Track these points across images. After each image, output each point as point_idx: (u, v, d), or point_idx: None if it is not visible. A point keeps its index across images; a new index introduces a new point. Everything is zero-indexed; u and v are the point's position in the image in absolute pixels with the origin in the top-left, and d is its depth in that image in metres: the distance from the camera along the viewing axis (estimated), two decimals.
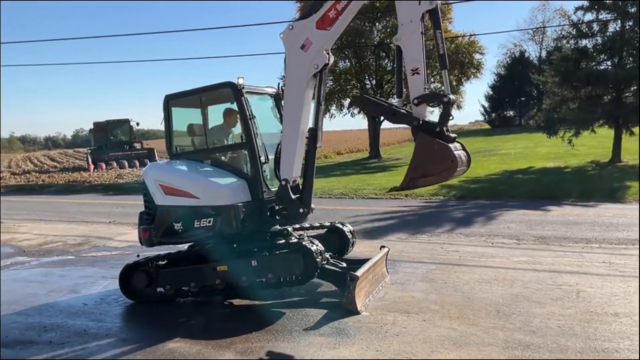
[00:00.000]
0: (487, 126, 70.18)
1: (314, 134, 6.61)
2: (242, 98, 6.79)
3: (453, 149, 5.88)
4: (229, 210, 6.51)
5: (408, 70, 6.02)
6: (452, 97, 5.99)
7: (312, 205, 6.72)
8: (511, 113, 68.67)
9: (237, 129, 7.29)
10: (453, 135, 6.12)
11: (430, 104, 6.38)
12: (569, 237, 10.04)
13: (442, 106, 6.08)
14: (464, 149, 6.29)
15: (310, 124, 6.68)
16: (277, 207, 6.73)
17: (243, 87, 6.77)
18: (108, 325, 6.27)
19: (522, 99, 64.81)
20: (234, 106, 6.99)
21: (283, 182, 6.58)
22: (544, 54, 66.21)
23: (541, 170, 21.99)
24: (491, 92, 66.94)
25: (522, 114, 65.09)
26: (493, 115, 68.33)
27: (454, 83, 33.93)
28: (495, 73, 68.49)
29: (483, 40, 47.74)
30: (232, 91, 6.82)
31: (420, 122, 6.09)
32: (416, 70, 5.95)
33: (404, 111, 6.42)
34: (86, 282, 8.37)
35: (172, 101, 7.34)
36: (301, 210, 6.58)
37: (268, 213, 6.82)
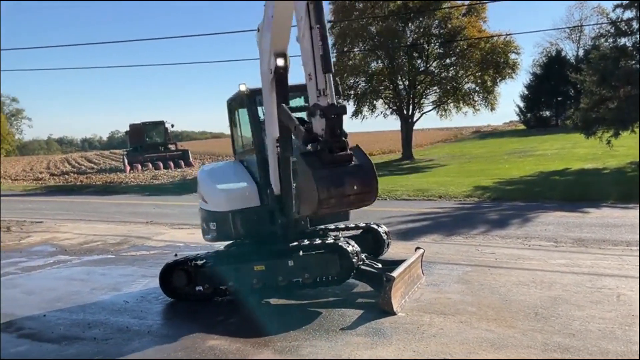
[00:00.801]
0: (522, 126, 68.94)
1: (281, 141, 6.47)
2: (252, 104, 7.06)
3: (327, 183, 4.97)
4: (224, 217, 6.83)
5: (305, 75, 5.31)
6: (341, 104, 5.10)
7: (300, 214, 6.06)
8: (547, 113, 67.27)
9: None
10: (349, 152, 5.15)
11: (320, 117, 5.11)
12: (609, 239, 9.86)
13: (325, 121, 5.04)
14: (360, 172, 5.21)
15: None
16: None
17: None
18: (149, 322, 6.44)
19: (559, 98, 63.45)
20: None
21: (269, 191, 6.80)
22: (581, 52, 64.72)
23: (579, 171, 21.58)
24: (527, 92, 65.69)
25: (558, 114, 63.70)
26: (529, 115, 67.05)
27: (489, 83, 33.57)
28: (531, 72, 67.24)
29: (519, 39, 46.95)
30: (244, 98, 7.13)
31: (309, 145, 5.21)
32: (309, 76, 5.20)
33: (302, 128, 5.36)
34: (127, 281, 8.60)
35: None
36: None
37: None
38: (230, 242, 7.55)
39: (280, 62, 6.14)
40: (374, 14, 34.79)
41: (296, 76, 6.19)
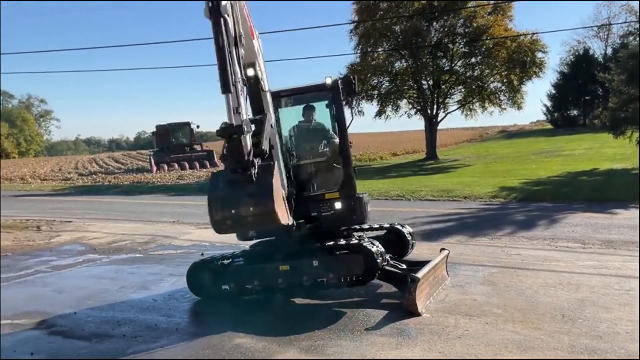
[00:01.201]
0: (549, 126, 67.94)
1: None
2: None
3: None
4: None
5: None
6: (237, 124, 4.83)
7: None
8: (575, 112, 66.20)
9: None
10: (251, 172, 4.90)
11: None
12: (637, 241, 9.69)
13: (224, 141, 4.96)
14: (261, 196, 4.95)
15: None
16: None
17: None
18: (177, 320, 6.56)
19: (587, 97, 62.39)
20: None
21: None
22: (609, 51, 63.59)
23: (607, 171, 21.24)
24: (554, 91, 64.73)
25: (586, 113, 62.64)
26: (556, 114, 66.04)
27: (515, 82, 33.20)
28: (558, 71, 66.26)
29: (545, 38, 46.36)
30: None
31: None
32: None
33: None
34: (155, 279, 8.76)
35: None
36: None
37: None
38: (256, 241, 7.63)
39: (250, 72, 6.02)
40: (398, 14, 34.67)
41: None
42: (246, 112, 5.12)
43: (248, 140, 4.96)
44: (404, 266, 7.01)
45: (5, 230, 14.96)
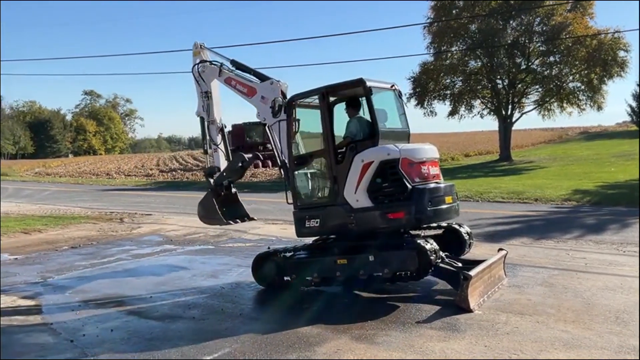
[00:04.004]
0: (634, 127, 64.32)
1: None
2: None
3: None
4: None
5: None
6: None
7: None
8: None
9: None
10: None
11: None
12: None
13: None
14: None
15: None
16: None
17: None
18: (242, 306, 7.06)
19: None
20: None
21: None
22: None
23: None
24: (639, 91, 61.27)
25: None
26: None
27: (595, 82, 31.89)
28: None
29: (629, 36, 43.93)
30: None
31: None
32: None
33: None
34: (224, 269, 9.35)
35: None
36: None
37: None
38: (318, 237, 8.00)
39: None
40: (474, 13, 34.15)
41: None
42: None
43: None
44: (460, 264, 7.14)
45: (91, 221, 16.21)
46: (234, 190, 9.29)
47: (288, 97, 7.84)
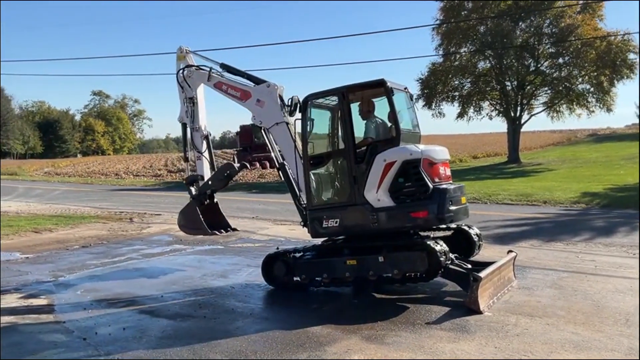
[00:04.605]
0: None
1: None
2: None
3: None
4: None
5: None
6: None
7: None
8: None
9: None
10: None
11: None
12: None
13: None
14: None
15: None
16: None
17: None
18: (252, 306, 7.10)
19: None
20: None
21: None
22: None
23: None
24: None
25: None
26: None
27: (605, 84, 31.75)
28: None
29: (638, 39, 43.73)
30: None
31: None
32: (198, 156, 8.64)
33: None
34: (233, 269, 9.41)
35: None
36: None
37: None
38: (327, 237, 8.03)
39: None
40: (484, 14, 34.10)
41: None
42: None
43: None
44: (469, 266, 7.16)
45: (102, 221, 16.32)
46: (215, 200, 9.34)
47: (285, 99, 8.01)
